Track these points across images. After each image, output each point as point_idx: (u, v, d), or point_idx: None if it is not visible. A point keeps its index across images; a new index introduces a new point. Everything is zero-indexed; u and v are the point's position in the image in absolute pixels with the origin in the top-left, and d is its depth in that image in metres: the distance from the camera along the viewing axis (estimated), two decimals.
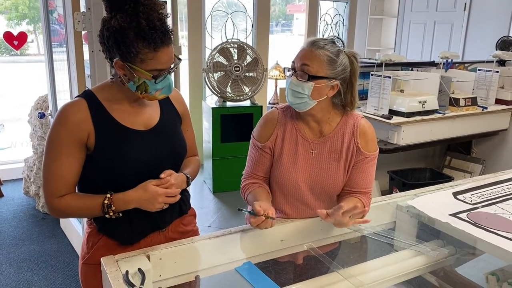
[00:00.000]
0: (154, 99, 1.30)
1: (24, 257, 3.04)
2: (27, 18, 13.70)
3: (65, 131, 1.24)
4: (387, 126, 3.25)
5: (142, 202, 1.27)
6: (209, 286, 1.44)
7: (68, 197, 1.27)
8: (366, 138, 1.50)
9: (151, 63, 1.20)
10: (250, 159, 1.58)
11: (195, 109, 4.86)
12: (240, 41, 4.20)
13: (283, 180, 1.51)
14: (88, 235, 1.39)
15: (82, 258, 1.40)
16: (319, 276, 1.39)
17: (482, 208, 1.67)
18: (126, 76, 1.24)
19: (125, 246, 1.35)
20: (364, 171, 1.52)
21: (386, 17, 6.47)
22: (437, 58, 3.90)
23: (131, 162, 1.29)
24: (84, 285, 1.42)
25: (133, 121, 1.32)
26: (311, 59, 1.39)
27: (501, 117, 3.82)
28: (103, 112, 1.28)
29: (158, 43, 1.18)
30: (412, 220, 1.68)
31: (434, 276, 1.58)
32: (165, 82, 1.26)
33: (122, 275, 1.17)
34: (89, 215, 1.33)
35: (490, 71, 3.79)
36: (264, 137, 1.53)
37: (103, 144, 1.27)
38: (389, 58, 3.32)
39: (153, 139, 1.35)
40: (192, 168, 1.47)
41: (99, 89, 1.33)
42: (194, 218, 1.58)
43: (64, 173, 1.25)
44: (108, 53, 1.24)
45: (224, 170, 4.18)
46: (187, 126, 1.51)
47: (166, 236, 1.43)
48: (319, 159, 1.50)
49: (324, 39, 1.42)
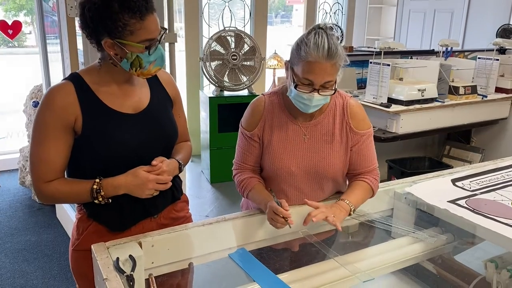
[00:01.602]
0: (148, 74, 1.26)
1: (20, 247, 3.02)
2: (25, 9, 13.59)
3: (51, 114, 1.20)
4: (386, 114, 3.21)
5: (132, 188, 1.24)
6: (203, 273, 1.42)
7: (56, 182, 1.24)
8: (357, 118, 1.48)
9: (140, 33, 1.17)
10: (240, 148, 1.55)
11: (192, 98, 4.82)
12: (238, 29, 4.15)
13: (274, 166, 1.48)
14: (78, 221, 1.37)
15: (72, 245, 1.38)
16: (315, 263, 1.37)
17: (481, 195, 1.65)
18: (118, 55, 1.20)
19: (115, 232, 1.32)
20: (363, 151, 1.50)
21: (386, 5, 6.41)
22: (437, 47, 3.85)
23: (120, 146, 1.26)
24: (75, 271, 1.40)
25: (122, 104, 1.29)
26: (332, 74, 1.33)
27: (501, 105, 3.79)
28: (90, 95, 1.25)
29: (144, 11, 1.16)
30: (410, 208, 1.66)
31: (432, 263, 1.57)
32: (157, 52, 1.23)
33: (112, 262, 1.15)
34: (78, 200, 1.30)
35: (490, 59, 3.75)
36: (252, 125, 1.49)
37: (91, 127, 1.24)
38: (388, 46, 3.28)
39: (142, 123, 1.31)
40: (184, 154, 1.44)
41: (87, 72, 1.29)
42: (187, 205, 1.55)
43: (51, 157, 1.22)
44: (94, 35, 1.20)
45: (221, 160, 4.15)
46: (179, 110, 1.48)
47: (158, 222, 1.40)
48: (312, 142, 1.47)
49: (331, 40, 1.30)
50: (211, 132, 4.11)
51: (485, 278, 1.44)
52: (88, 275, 1.27)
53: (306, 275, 1.31)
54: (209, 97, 4.05)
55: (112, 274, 1.11)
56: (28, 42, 13.52)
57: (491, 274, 1.42)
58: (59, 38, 2.53)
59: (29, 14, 13.59)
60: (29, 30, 13.25)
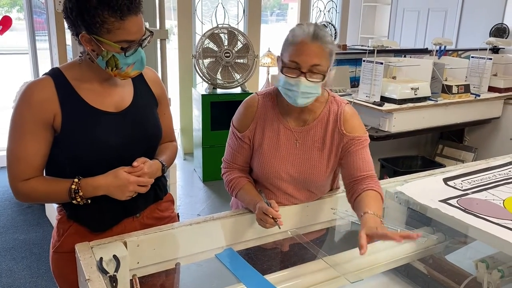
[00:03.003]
0: (126, 76, 1.22)
1: (8, 246, 2.98)
2: (18, 5, 13.47)
3: (29, 111, 1.16)
4: (379, 113, 3.20)
5: (112, 189, 1.20)
6: (190, 274, 1.40)
7: (34, 181, 1.20)
8: (351, 124, 1.42)
9: (118, 33, 1.12)
10: (230, 148, 1.51)
11: (185, 96, 4.78)
12: (231, 26, 4.12)
13: (264, 170, 1.45)
14: (58, 222, 1.33)
15: (53, 247, 1.34)
16: (304, 263, 1.35)
17: (472, 194, 1.63)
18: (94, 51, 1.16)
19: (97, 233, 1.29)
20: (358, 155, 1.40)
21: (380, 4, 6.40)
22: (431, 46, 3.85)
23: (100, 145, 1.22)
24: (57, 275, 1.36)
25: (103, 102, 1.25)
26: (321, 56, 1.27)
27: (493, 105, 3.79)
28: (70, 92, 1.21)
29: (125, 11, 1.11)
30: (401, 207, 1.64)
31: (423, 263, 1.55)
32: (136, 56, 1.18)
33: (96, 262, 1.12)
34: (55, 200, 1.26)
35: (484, 58, 3.75)
36: (243, 126, 1.46)
37: (70, 125, 1.19)
38: (381, 44, 3.27)
39: (124, 122, 1.27)
40: (168, 154, 1.40)
41: (68, 67, 1.25)
42: (172, 204, 1.51)
43: (28, 155, 1.19)
44: (74, 27, 1.16)
45: (214, 159, 4.12)
46: (164, 109, 1.43)
47: (141, 222, 1.37)
48: (303, 148, 1.43)
49: (319, 27, 1.30)
50: (203, 130, 4.08)
51: (476, 278, 1.43)
52: (69, 278, 1.24)
53: (294, 275, 1.29)
54: (202, 95, 4.02)
55: (95, 275, 1.08)
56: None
57: (482, 274, 1.41)
58: (47, 33, 2.50)
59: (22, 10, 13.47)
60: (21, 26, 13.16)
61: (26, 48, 3.76)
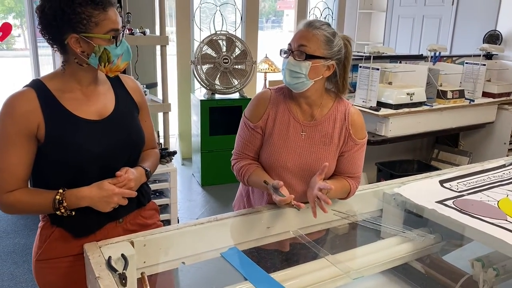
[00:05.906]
0: (117, 70, 1.26)
1: (8, 250, 2.99)
2: (14, 12, 13.48)
3: (12, 122, 1.18)
4: (375, 118, 3.25)
5: (96, 201, 1.21)
6: (195, 273, 1.43)
7: (18, 192, 1.21)
8: (357, 126, 1.52)
9: (105, 24, 1.19)
10: (241, 139, 1.57)
11: (183, 102, 4.82)
12: (229, 33, 4.17)
13: (271, 160, 1.51)
14: (41, 229, 1.32)
15: (35, 255, 1.32)
16: (306, 262, 1.39)
17: (468, 196, 1.68)
18: (85, 51, 1.20)
19: (80, 238, 1.29)
20: (353, 159, 1.53)
21: (375, 11, 6.48)
22: (426, 52, 3.91)
23: (83, 153, 1.23)
24: (41, 283, 1.34)
25: (86, 110, 1.26)
26: (308, 39, 1.40)
27: (488, 110, 3.85)
28: (53, 102, 1.22)
29: (106, 2, 1.19)
30: (399, 208, 1.68)
31: (421, 263, 1.59)
32: (123, 45, 1.24)
33: (104, 261, 1.15)
34: (40, 211, 1.27)
35: (477, 64, 3.82)
36: (256, 117, 1.52)
37: (54, 134, 1.21)
38: (377, 50, 3.32)
39: (107, 129, 1.29)
40: (151, 161, 1.42)
41: (50, 78, 1.26)
42: (157, 213, 1.52)
43: (12, 166, 1.19)
44: (58, 35, 1.19)
45: (212, 163, 4.15)
46: (145, 116, 1.45)
47: (124, 228, 1.37)
48: (310, 142, 1.50)
49: (319, 20, 1.44)
50: (202, 135, 4.12)
51: (472, 277, 1.47)
52: (55, 284, 1.26)
53: (297, 273, 1.33)
54: (201, 100, 4.06)
55: (104, 273, 1.11)
56: (17, 45, 13.39)
57: (478, 273, 1.45)
58: None
59: (18, 17, 13.46)
60: (18, 33, 13.14)
61: (23, 51, 3.77)
